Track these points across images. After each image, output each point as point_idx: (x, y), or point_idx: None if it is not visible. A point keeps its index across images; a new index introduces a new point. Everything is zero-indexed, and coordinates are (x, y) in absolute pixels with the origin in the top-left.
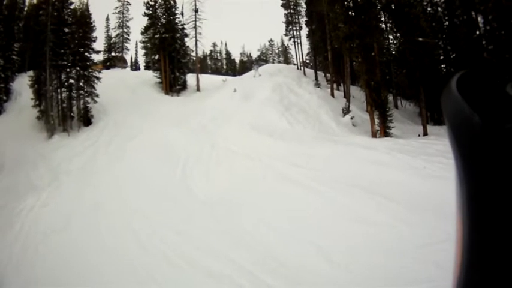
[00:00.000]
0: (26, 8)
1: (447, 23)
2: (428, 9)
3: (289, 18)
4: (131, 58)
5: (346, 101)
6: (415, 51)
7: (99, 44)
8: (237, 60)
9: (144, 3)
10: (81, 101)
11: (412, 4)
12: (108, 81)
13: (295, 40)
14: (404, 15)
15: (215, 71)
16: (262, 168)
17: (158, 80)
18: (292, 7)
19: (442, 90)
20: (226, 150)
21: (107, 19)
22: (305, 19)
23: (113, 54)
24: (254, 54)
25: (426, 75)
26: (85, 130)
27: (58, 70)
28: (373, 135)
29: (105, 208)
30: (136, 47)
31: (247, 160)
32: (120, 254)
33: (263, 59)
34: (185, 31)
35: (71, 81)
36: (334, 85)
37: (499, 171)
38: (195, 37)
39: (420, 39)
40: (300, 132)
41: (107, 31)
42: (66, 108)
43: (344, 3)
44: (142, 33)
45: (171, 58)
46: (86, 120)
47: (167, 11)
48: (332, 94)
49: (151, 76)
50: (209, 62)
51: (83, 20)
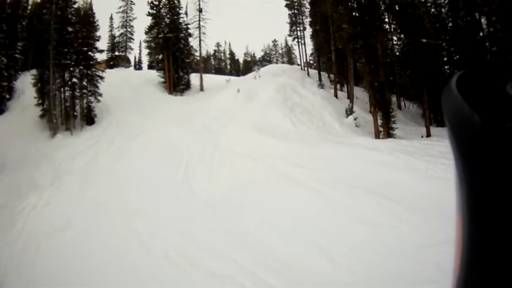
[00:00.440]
0: (30, 7)
1: (451, 25)
2: (432, 10)
3: (293, 18)
4: (135, 57)
5: (349, 102)
6: (419, 52)
7: (102, 43)
8: (241, 60)
9: (148, 2)
10: (84, 100)
11: (416, 5)
12: (111, 80)
13: (299, 40)
14: (408, 16)
15: (219, 71)
16: (265, 168)
17: (162, 80)
18: (296, 8)
19: (442, 90)
20: (229, 150)
21: (111, 18)
22: (309, 20)
23: (117, 53)
24: (258, 54)
25: (430, 76)
26: (88, 129)
27: (61, 69)
28: (376, 136)
29: (107, 207)
30: (140, 47)
31: (250, 160)
32: (121, 254)
33: (267, 59)
34: (189, 31)
35: (74, 80)
36: (337, 86)
37: (499, 171)
38: (199, 37)
39: (424, 40)
40: (303, 133)
41: (111, 30)
42: (69, 107)
43: (348, 4)
44: (146, 32)
45: (175, 58)
46: (89, 119)
47: (171, 11)
48: (335, 95)
49: (154, 76)
50: (213, 62)
51: (87, 19)
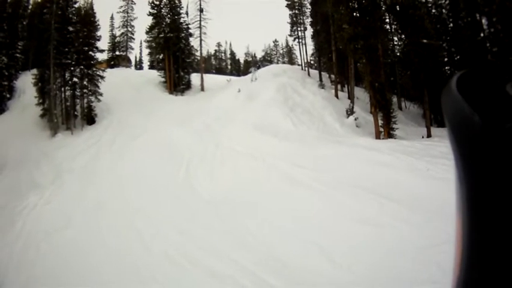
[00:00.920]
0: (30, 6)
1: (451, 25)
2: (432, 11)
3: (293, 19)
4: (135, 57)
5: (350, 102)
6: (420, 52)
7: (103, 43)
8: (242, 60)
9: (149, 2)
10: (84, 100)
11: (417, 6)
12: (112, 80)
13: (299, 41)
14: (408, 16)
15: (219, 71)
16: (266, 168)
17: (162, 80)
18: (297, 8)
19: (442, 90)
20: (230, 150)
21: (112, 18)
22: (310, 20)
23: (117, 53)
24: (259, 54)
25: (430, 76)
26: (88, 129)
27: (62, 68)
28: (377, 136)
29: (107, 207)
30: (140, 46)
31: (251, 160)
32: (122, 253)
33: (267, 60)
34: (190, 31)
35: (75, 79)
36: (338, 86)
37: (499, 171)
38: (200, 37)
39: (424, 40)
40: (304, 133)
41: (112, 30)
42: (69, 106)
43: (349, 4)
44: (146, 32)
45: (176, 57)
46: (90, 118)
47: (172, 11)
48: (336, 95)
49: (155, 75)
50: (213, 62)
51: (87, 19)
